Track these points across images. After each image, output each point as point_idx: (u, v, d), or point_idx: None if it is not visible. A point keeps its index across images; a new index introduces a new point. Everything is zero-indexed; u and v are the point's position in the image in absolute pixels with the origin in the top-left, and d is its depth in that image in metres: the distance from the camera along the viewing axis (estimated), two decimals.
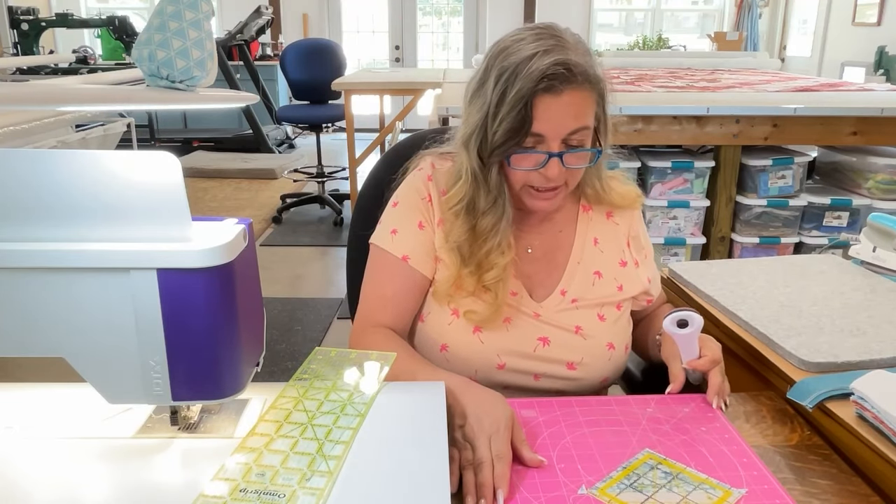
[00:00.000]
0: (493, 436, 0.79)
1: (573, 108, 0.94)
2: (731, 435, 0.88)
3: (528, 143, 0.96)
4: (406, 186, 1.10)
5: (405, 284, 1.06)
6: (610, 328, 1.08)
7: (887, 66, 5.37)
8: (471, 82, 1.02)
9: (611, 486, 0.76)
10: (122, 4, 7.93)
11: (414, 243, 1.06)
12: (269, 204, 4.94)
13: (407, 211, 1.08)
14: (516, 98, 0.92)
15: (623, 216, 1.15)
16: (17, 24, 5.39)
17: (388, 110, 5.05)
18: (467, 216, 1.02)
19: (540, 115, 0.93)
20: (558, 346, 1.05)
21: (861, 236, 1.40)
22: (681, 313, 0.96)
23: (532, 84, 0.91)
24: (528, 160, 0.97)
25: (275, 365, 2.63)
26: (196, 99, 0.86)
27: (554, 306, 1.07)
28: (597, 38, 7.82)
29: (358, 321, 1.06)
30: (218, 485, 0.68)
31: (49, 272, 0.67)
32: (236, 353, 0.73)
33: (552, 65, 0.91)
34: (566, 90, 0.92)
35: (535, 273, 1.09)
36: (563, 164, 0.96)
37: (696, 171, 2.66)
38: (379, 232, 1.09)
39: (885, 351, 1.00)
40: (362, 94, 4.34)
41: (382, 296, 1.06)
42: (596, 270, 1.10)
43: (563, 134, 0.95)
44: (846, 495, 0.77)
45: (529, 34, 0.95)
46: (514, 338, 1.04)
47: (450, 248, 1.04)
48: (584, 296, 1.08)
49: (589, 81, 0.95)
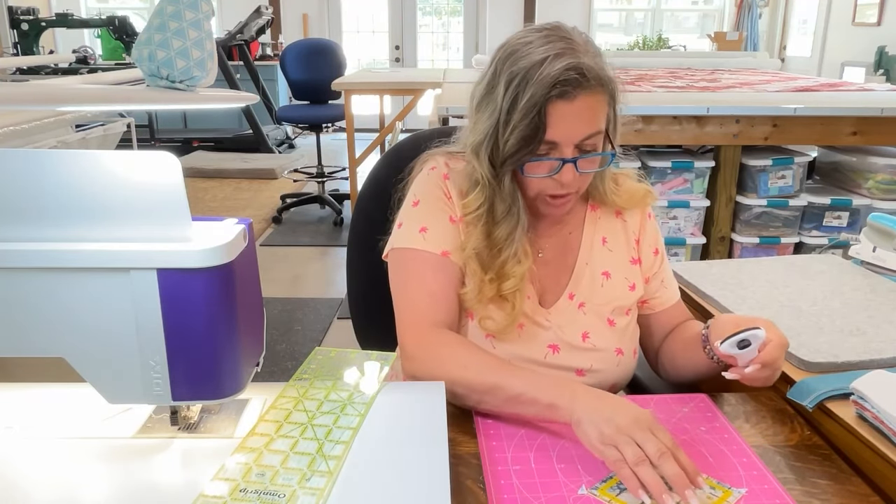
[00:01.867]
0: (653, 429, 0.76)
1: (587, 113, 0.92)
2: (730, 435, 0.88)
3: (542, 151, 0.93)
4: (424, 184, 1.06)
5: (451, 280, 1.01)
6: (619, 334, 1.06)
7: (887, 66, 5.36)
8: (477, 87, 0.98)
9: (611, 486, 0.76)
10: (122, 4, 7.93)
11: (450, 238, 1.02)
12: (269, 204, 4.94)
13: (433, 208, 1.04)
14: (529, 105, 0.89)
15: (633, 215, 1.13)
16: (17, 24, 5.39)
17: (388, 110, 5.05)
18: (485, 224, 1.00)
19: (554, 122, 0.90)
20: (567, 354, 1.04)
21: (861, 236, 1.40)
22: (742, 335, 0.87)
23: (545, 90, 0.88)
24: (542, 167, 0.95)
25: (275, 365, 2.63)
26: (196, 99, 0.86)
27: (562, 312, 1.05)
28: (597, 38, 7.73)
29: (411, 326, 0.99)
30: (218, 485, 0.68)
31: (49, 272, 0.67)
32: (236, 353, 0.73)
33: (565, 69, 0.88)
34: (580, 95, 0.90)
35: (545, 277, 1.07)
36: (578, 170, 0.94)
37: (696, 171, 2.66)
38: (404, 234, 1.04)
39: (885, 351, 1.00)
40: (362, 94, 4.34)
41: (431, 293, 1.00)
42: (604, 271, 1.08)
43: (577, 140, 0.93)
44: (846, 495, 0.77)
45: (537, 36, 0.92)
46: (526, 345, 1.03)
47: (468, 255, 1.01)
48: (592, 299, 1.06)
49: (602, 84, 0.92)
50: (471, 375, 0.89)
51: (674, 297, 1.14)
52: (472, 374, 0.89)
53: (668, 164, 2.64)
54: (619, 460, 0.74)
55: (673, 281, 1.15)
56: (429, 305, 1.00)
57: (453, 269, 1.02)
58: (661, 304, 1.13)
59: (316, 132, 4.82)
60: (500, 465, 0.81)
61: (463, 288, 1.02)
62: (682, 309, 1.15)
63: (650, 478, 0.72)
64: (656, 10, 7.91)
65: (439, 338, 0.96)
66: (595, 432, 0.77)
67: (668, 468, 0.72)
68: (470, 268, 1.01)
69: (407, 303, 1.01)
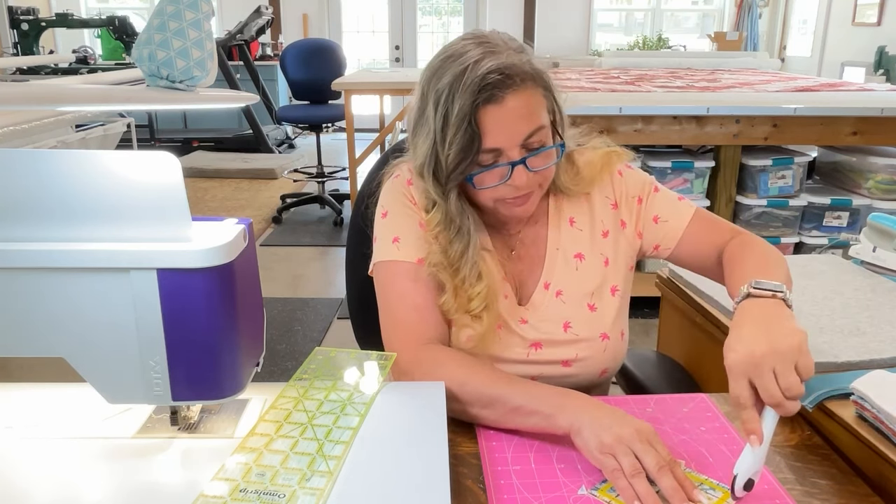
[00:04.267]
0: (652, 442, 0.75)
1: (521, 111, 0.90)
2: (730, 435, 0.88)
3: (487, 160, 0.92)
4: (390, 194, 1.06)
5: (430, 288, 1.00)
6: (601, 318, 1.04)
7: (887, 66, 5.36)
8: (411, 113, 0.97)
9: (611, 487, 0.76)
10: (122, 4, 7.93)
11: (421, 244, 1.01)
12: (269, 204, 4.94)
13: (401, 216, 1.03)
14: (459, 117, 0.88)
15: (600, 187, 1.08)
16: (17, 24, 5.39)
17: (388, 110, 5.05)
18: (441, 242, 0.99)
19: (489, 129, 0.89)
20: (551, 348, 1.03)
21: (861, 236, 1.40)
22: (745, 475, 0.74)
23: (471, 98, 0.87)
24: (492, 176, 0.93)
25: (275, 365, 2.63)
26: (196, 99, 0.86)
27: (540, 305, 1.04)
28: (597, 38, 7.82)
29: (404, 344, 0.97)
30: (218, 485, 0.68)
31: (49, 272, 0.67)
32: (236, 353, 0.73)
33: (486, 73, 0.87)
34: (508, 95, 0.88)
35: (520, 273, 1.06)
36: (529, 169, 0.92)
37: (696, 171, 2.67)
38: (380, 248, 1.03)
39: (885, 351, 1.00)
40: (362, 94, 4.34)
41: (416, 307, 0.99)
42: (577, 253, 1.05)
43: (519, 140, 0.91)
44: (846, 495, 0.77)
45: (456, 49, 0.92)
46: (507, 345, 1.02)
47: (429, 271, 0.99)
48: (569, 285, 1.04)
49: (531, 79, 0.90)
50: (468, 391, 0.88)
51: (680, 224, 1.06)
52: (470, 389, 0.88)
53: (668, 164, 2.64)
54: (616, 470, 0.74)
55: (673, 207, 1.07)
56: (417, 322, 0.99)
57: (431, 277, 1.00)
58: (672, 238, 1.06)
59: (316, 132, 4.82)
60: (500, 465, 0.81)
61: (441, 297, 1.00)
62: (703, 225, 1.05)
63: (645, 490, 0.71)
64: (656, 10, 7.91)
65: (433, 356, 0.95)
66: (595, 441, 0.77)
67: (666, 482, 0.72)
68: (440, 279, 1.00)
69: (394, 321, 1.00)
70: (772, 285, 0.83)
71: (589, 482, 0.78)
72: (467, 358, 0.95)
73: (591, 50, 7.60)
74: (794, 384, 0.72)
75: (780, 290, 0.83)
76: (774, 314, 0.80)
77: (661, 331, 1.58)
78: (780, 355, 0.73)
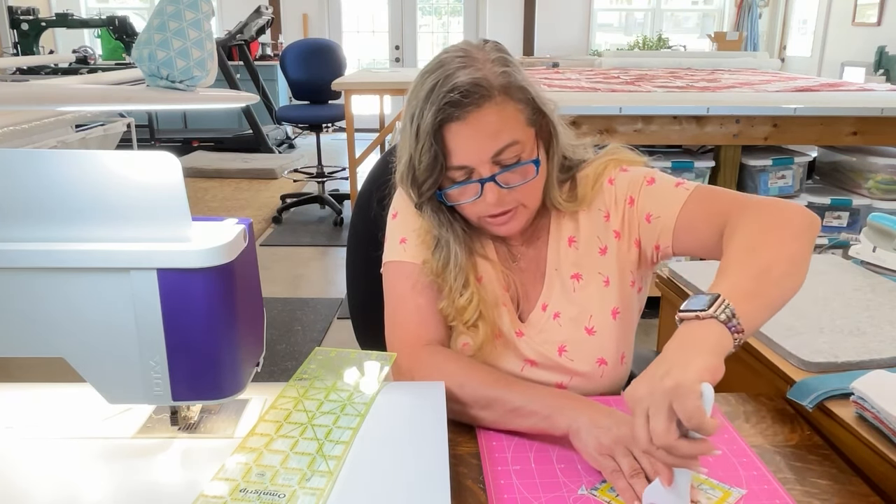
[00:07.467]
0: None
1: (488, 127, 0.88)
2: (730, 435, 0.88)
3: (458, 176, 0.92)
4: (400, 195, 1.06)
5: (434, 290, 1.00)
6: (599, 342, 0.99)
7: (887, 66, 5.37)
8: (400, 122, 0.99)
9: (610, 487, 0.76)
10: (122, 4, 7.93)
11: (426, 247, 1.01)
12: (269, 204, 4.94)
13: (410, 218, 1.04)
14: (424, 134, 0.88)
15: (595, 200, 1.02)
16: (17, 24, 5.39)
17: (388, 110, 5.05)
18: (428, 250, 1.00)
19: (453, 146, 0.89)
20: (544, 369, 1.01)
21: (861, 236, 1.40)
22: None
23: (434, 116, 0.87)
24: (465, 193, 0.93)
25: (275, 365, 2.63)
26: (196, 99, 0.86)
27: (537, 325, 1.01)
28: (597, 38, 7.82)
29: (404, 345, 0.98)
30: (218, 485, 0.68)
31: (49, 272, 0.67)
32: (236, 353, 0.73)
33: (450, 90, 0.86)
34: (471, 112, 0.87)
35: (522, 284, 1.04)
36: (501, 186, 0.91)
37: (696, 171, 2.66)
38: (388, 248, 1.05)
39: (885, 351, 1.00)
40: (362, 94, 4.34)
41: (418, 307, 0.99)
42: (574, 273, 1.01)
43: (487, 157, 0.89)
44: (846, 495, 0.77)
45: (438, 61, 0.92)
46: (504, 357, 1.01)
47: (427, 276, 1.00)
48: (566, 308, 1.01)
49: (504, 93, 0.88)
50: (467, 392, 0.88)
51: (672, 213, 0.95)
52: (469, 390, 0.88)
53: (668, 164, 2.64)
54: (615, 471, 0.74)
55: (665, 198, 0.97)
56: (418, 323, 0.99)
57: (432, 280, 1.00)
58: (668, 231, 0.96)
59: (316, 132, 4.82)
60: (500, 465, 0.81)
61: (441, 303, 1.00)
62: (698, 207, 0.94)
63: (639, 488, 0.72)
64: (656, 10, 7.91)
65: (433, 357, 0.95)
66: (593, 442, 0.77)
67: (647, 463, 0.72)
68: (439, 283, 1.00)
69: (396, 321, 1.01)
70: (699, 303, 0.72)
71: (589, 482, 0.78)
72: (466, 359, 0.96)
73: (591, 50, 7.60)
74: (657, 430, 0.65)
75: (703, 309, 0.71)
76: (690, 342, 0.70)
77: (661, 331, 1.58)
78: (652, 398, 0.66)
